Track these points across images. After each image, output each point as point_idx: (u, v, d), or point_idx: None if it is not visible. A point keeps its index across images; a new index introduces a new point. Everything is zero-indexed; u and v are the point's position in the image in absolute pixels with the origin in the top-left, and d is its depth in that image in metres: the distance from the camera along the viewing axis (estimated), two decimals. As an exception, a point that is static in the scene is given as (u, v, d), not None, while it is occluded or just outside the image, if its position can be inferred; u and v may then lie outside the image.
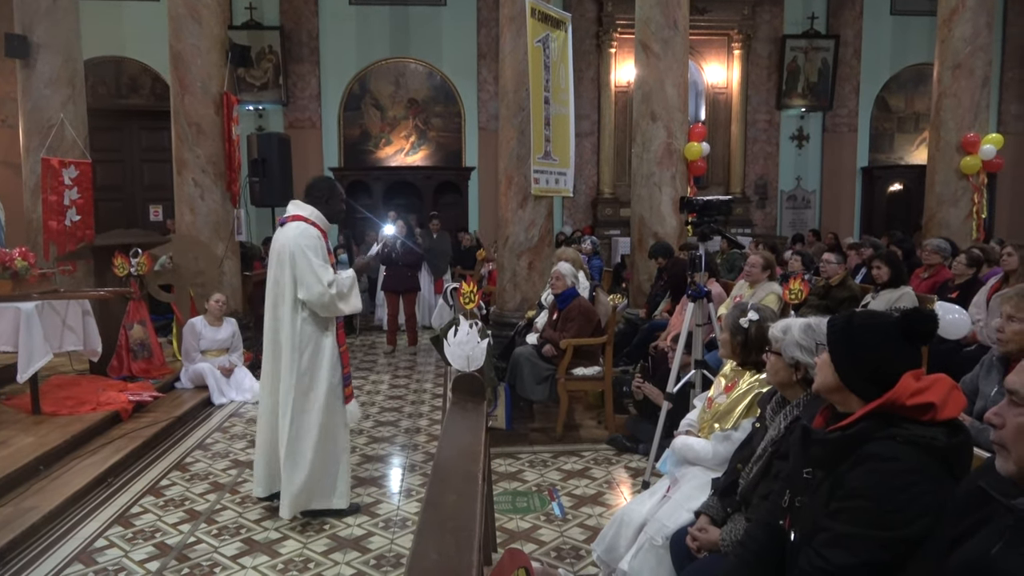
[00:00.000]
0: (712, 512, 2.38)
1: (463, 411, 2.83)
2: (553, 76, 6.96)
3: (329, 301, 3.65)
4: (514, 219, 7.02)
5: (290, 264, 3.65)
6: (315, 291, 3.62)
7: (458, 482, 2.10)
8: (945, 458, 1.60)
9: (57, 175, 7.05)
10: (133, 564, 3.38)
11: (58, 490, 4.02)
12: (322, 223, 3.80)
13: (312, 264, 3.62)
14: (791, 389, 2.28)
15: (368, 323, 9.98)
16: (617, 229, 12.19)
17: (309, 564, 3.37)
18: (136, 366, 6.22)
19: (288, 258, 3.65)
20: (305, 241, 3.64)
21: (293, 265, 3.64)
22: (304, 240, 3.65)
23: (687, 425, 2.97)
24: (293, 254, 3.63)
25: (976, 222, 8.32)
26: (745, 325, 2.70)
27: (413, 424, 5.59)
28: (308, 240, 3.66)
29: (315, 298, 3.64)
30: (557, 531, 3.69)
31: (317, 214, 3.79)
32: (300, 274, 3.63)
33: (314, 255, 3.64)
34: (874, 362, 1.71)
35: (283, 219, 3.82)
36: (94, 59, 10.88)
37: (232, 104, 7.44)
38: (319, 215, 3.79)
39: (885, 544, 1.57)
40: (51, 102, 7.33)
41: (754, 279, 5.36)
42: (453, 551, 1.67)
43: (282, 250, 3.69)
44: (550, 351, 5.24)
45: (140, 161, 11.88)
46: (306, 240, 3.65)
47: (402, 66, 12.25)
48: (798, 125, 13.17)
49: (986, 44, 8.21)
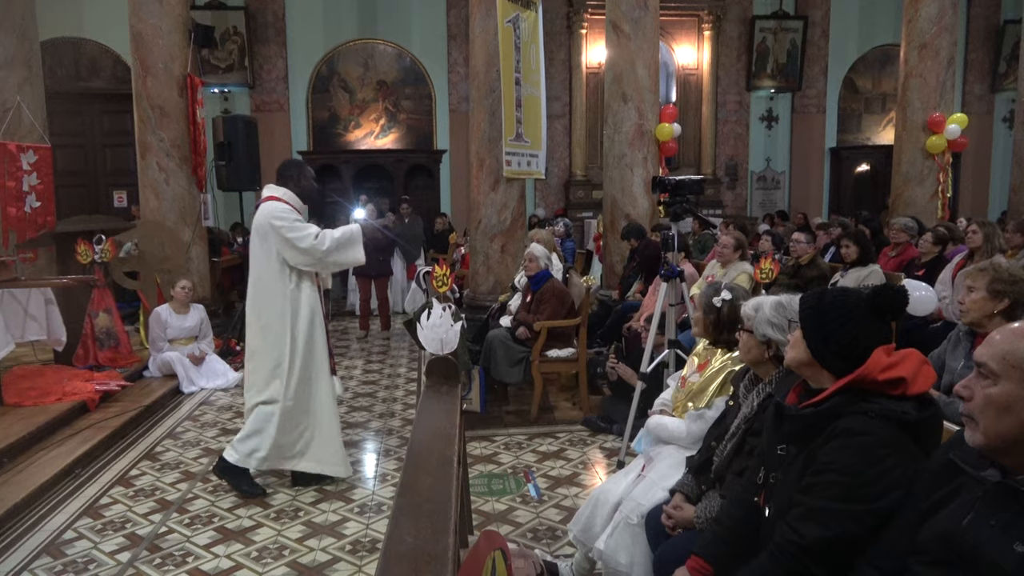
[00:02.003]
0: (686, 490, 2.39)
1: (437, 395, 2.81)
2: (524, 57, 6.91)
3: (323, 253, 3.82)
4: (486, 202, 6.97)
5: (271, 238, 3.80)
6: (303, 246, 3.78)
7: (433, 465, 2.09)
8: (916, 432, 1.62)
9: (15, 160, 6.85)
10: (103, 555, 3.32)
11: (23, 483, 3.93)
12: (296, 203, 3.94)
13: (292, 227, 3.77)
14: (763, 367, 2.29)
15: (340, 308, 9.89)
16: (590, 211, 12.20)
17: (284, 551, 3.34)
18: (103, 355, 6.08)
19: (266, 233, 3.81)
20: (278, 212, 3.80)
21: (275, 238, 3.79)
22: (277, 212, 3.81)
23: (661, 404, 2.98)
24: (270, 227, 3.79)
25: (941, 201, 8.46)
26: (718, 304, 2.71)
27: (387, 409, 5.56)
28: (280, 211, 3.81)
29: (306, 253, 3.81)
30: (533, 512, 3.70)
31: (290, 195, 3.94)
32: (283, 241, 3.78)
33: (291, 219, 3.79)
34: (845, 338, 1.73)
35: (258, 202, 3.98)
36: (51, 40, 10.56)
37: (196, 86, 7.27)
38: (292, 196, 3.94)
39: (857, 517, 1.60)
40: (6, 84, 7.10)
41: (726, 259, 5.39)
42: (429, 534, 1.65)
43: (259, 228, 3.85)
44: (524, 333, 5.24)
45: (102, 146, 11.57)
46: (278, 212, 3.81)
47: (371, 47, 12.07)
48: (767, 106, 13.26)
49: (951, 24, 8.31)
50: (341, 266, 4.06)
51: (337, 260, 3.94)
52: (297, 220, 3.82)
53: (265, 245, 3.84)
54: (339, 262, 3.98)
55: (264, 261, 3.85)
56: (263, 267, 3.86)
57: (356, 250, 3.97)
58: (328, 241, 3.83)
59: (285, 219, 3.78)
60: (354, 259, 3.98)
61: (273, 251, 3.82)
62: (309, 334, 3.87)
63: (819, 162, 13.43)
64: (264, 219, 3.81)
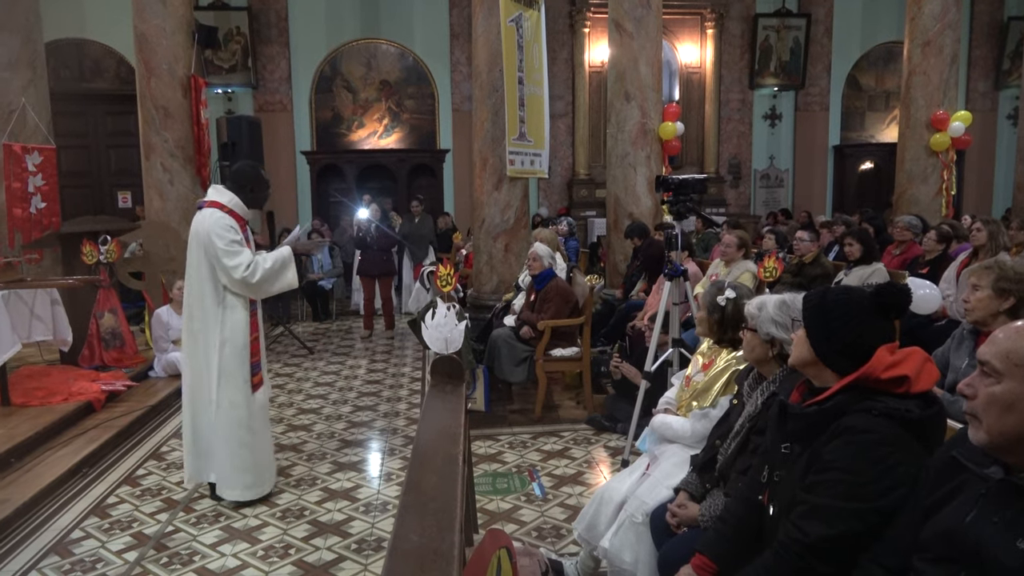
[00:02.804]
0: (691, 488, 2.40)
1: (442, 394, 2.83)
2: (527, 56, 6.91)
3: (254, 284, 3.70)
4: (489, 201, 6.98)
5: (208, 250, 3.69)
6: (235, 276, 3.67)
7: (439, 464, 2.10)
8: (919, 430, 1.63)
9: (20, 161, 6.88)
10: (110, 555, 3.35)
11: (31, 482, 3.95)
12: (240, 210, 3.81)
13: (227, 251, 3.65)
14: (767, 365, 2.30)
15: (344, 308, 9.92)
16: (593, 210, 12.19)
17: (290, 550, 3.36)
18: (108, 355, 6.11)
19: (205, 244, 3.69)
20: (218, 229, 3.66)
21: (211, 252, 3.68)
22: (218, 227, 3.67)
23: (665, 403, 2.99)
24: (210, 241, 3.67)
25: (945, 199, 8.44)
26: (722, 303, 2.72)
27: (392, 408, 5.58)
28: (221, 228, 3.67)
29: (237, 283, 3.69)
30: (538, 511, 3.71)
31: (236, 201, 3.80)
32: (218, 262, 3.68)
33: (229, 240, 3.66)
34: (848, 336, 1.73)
35: (201, 203, 3.84)
36: (55, 41, 10.57)
37: (200, 87, 7.29)
38: (238, 202, 3.81)
39: (861, 515, 1.60)
40: (11, 85, 7.11)
41: (729, 258, 5.40)
42: (435, 532, 1.67)
43: (198, 236, 3.73)
44: (528, 333, 5.25)
45: (106, 147, 11.59)
46: (219, 228, 3.67)
47: (373, 47, 12.08)
48: (771, 104, 13.23)
49: (955, 21, 8.29)
50: (271, 293, 3.88)
51: (269, 289, 3.81)
52: (235, 241, 3.68)
53: (200, 252, 3.73)
54: (271, 291, 3.84)
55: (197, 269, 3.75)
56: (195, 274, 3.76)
57: (288, 274, 3.82)
58: (259, 272, 3.71)
59: (224, 239, 3.66)
60: (287, 284, 3.84)
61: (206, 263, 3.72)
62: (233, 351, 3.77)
63: (822, 160, 13.40)
64: (204, 231, 3.68)
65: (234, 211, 3.77)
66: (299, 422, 5.26)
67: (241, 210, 3.81)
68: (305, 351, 7.50)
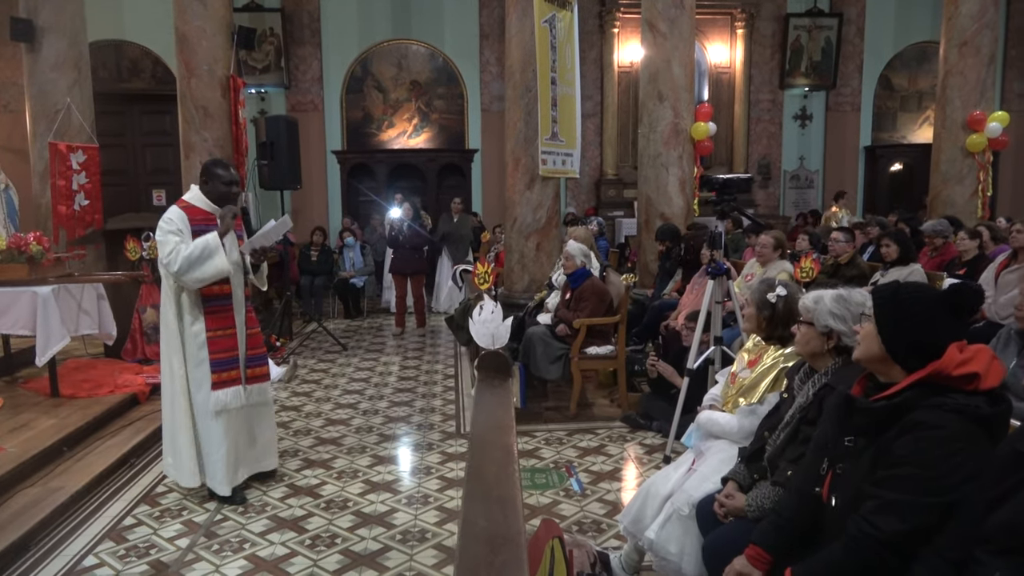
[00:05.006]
0: (739, 478, 2.43)
1: (491, 387, 2.87)
2: (560, 57, 6.96)
3: (175, 271, 3.62)
4: (522, 200, 7.03)
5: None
6: (163, 264, 3.69)
7: (496, 454, 2.15)
8: (988, 426, 1.65)
9: (65, 160, 7.06)
10: (163, 541, 3.44)
11: (83, 471, 4.07)
12: (204, 204, 3.81)
13: (161, 240, 3.66)
14: (820, 359, 2.32)
15: (375, 305, 10.03)
16: (620, 210, 12.21)
17: (336, 540, 3.43)
18: (150, 349, 6.25)
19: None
20: (162, 220, 3.70)
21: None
22: (164, 219, 3.71)
23: (711, 400, 3.02)
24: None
25: (981, 200, 8.36)
26: (773, 300, 2.74)
27: (427, 404, 5.64)
28: (162, 221, 3.70)
29: (170, 274, 3.70)
30: (577, 506, 3.75)
31: (199, 196, 3.83)
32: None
33: (164, 232, 3.66)
34: (920, 333, 1.75)
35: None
36: (95, 43, 10.77)
37: (239, 87, 7.43)
38: (202, 197, 3.83)
39: (933, 509, 1.63)
40: (57, 86, 7.30)
41: (765, 258, 5.40)
42: (500, 518, 1.71)
43: None
44: (564, 331, 5.29)
45: (143, 146, 11.82)
46: (164, 219, 3.70)
47: (404, 48, 12.19)
48: (801, 104, 13.15)
49: (992, 21, 8.20)
50: (203, 282, 3.67)
51: (195, 278, 3.62)
52: (169, 232, 3.63)
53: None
54: (199, 279, 3.64)
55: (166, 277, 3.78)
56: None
57: (216, 261, 3.63)
58: (179, 261, 3.58)
59: (161, 230, 3.65)
60: (216, 271, 3.64)
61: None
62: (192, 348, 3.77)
63: (853, 161, 13.29)
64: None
65: (195, 206, 3.79)
66: (337, 416, 5.35)
67: (205, 204, 3.81)
68: (339, 347, 7.60)
